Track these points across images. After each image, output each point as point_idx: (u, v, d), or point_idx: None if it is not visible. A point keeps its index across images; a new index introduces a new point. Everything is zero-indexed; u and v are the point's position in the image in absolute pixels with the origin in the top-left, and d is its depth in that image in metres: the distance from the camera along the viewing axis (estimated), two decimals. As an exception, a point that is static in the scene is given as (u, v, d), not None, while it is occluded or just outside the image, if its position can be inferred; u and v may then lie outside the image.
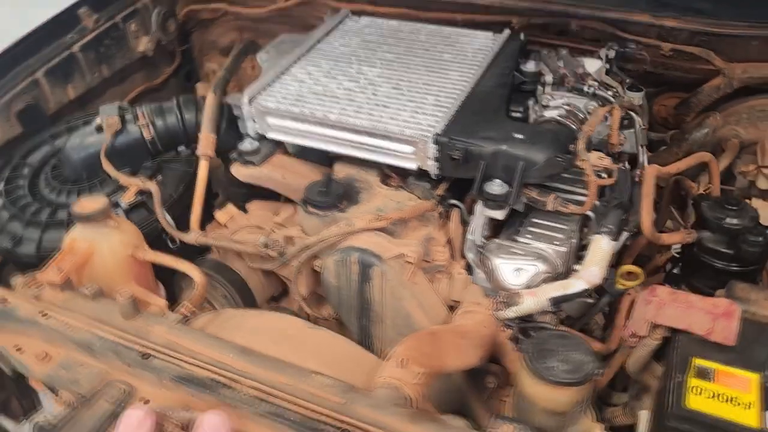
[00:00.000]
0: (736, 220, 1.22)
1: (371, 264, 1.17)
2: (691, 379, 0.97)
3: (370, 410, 0.90)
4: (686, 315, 1.04)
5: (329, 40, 1.60)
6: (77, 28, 1.83)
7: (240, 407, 0.90)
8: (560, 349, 0.94)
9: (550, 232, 1.24)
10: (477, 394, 1.17)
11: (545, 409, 0.92)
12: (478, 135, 1.22)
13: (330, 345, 1.11)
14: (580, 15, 1.55)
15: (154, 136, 1.50)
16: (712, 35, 1.48)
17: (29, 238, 1.40)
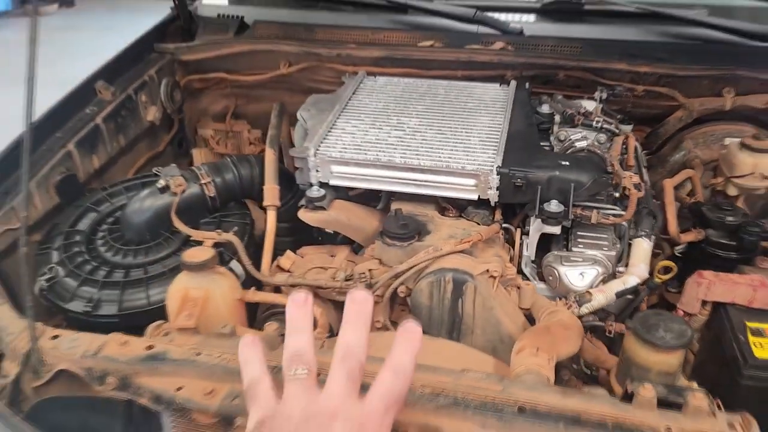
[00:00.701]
0: (734, 217, 1.52)
1: (464, 281, 1.34)
2: (750, 337, 1.22)
3: (527, 391, 1.05)
4: (731, 290, 1.30)
5: (358, 97, 1.78)
6: (95, 100, 1.89)
7: (421, 403, 1.03)
8: (660, 322, 1.15)
9: (597, 241, 1.47)
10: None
11: (660, 372, 1.13)
12: (532, 165, 1.44)
13: (451, 349, 1.26)
14: (568, 66, 1.84)
15: (214, 193, 1.59)
16: (674, 77, 1.83)
17: (108, 300, 1.43)
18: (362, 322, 0.71)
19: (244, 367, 0.75)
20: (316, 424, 0.63)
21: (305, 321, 0.72)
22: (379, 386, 0.67)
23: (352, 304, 0.72)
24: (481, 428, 1.00)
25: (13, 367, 1.15)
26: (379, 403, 0.66)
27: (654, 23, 1.99)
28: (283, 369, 0.70)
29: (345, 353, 0.68)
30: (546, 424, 0.99)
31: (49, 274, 1.48)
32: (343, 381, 0.67)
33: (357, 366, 0.68)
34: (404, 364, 0.69)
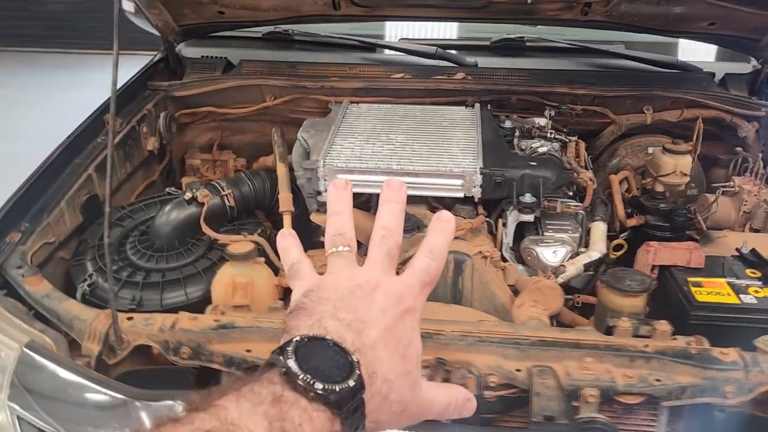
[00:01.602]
0: (665, 204, 1.89)
1: (463, 260, 1.61)
2: (692, 288, 1.55)
3: (534, 331, 1.33)
4: (672, 255, 1.64)
5: (348, 120, 2.06)
6: (104, 130, 2.07)
7: (453, 343, 1.28)
8: (626, 275, 1.47)
9: (563, 226, 1.79)
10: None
11: (630, 313, 1.43)
12: (507, 165, 1.76)
13: (463, 311, 1.52)
14: (519, 91, 2.20)
15: (233, 204, 1.81)
16: (605, 97, 2.21)
17: (149, 298, 1.61)
18: (399, 207, 0.73)
19: (285, 255, 0.75)
20: (360, 293, 0.65)
21: (345, 204, 0.74)
22: (416, 265, 0.69)
23: (389, 191, 0.74)
24: (503, 358, 1.27)
25: (94, 346, 1.31)
26: (415, 279, 0.68)
27: (583, 56, 2.39)
28: (326, 246, 0.72)
29: (383, 235, 0.70)
30: (554, 349, 1.27)
31: (89, 281, 1.64)
32: (383, 258, 0.69)
33: (394, 246, 0.71)
34: (439, 247, 0.71)
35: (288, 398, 0.55)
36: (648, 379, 1.23)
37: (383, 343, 0.63)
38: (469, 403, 0.73)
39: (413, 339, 0.67)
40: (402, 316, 0.65)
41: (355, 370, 0.59)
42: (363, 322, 0.63)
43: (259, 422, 0.53)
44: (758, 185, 2.04)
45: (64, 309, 1.40)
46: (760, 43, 2.15)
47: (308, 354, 0.58)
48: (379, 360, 0.62)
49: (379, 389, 0.61)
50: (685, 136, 2.17)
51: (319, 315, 0.63)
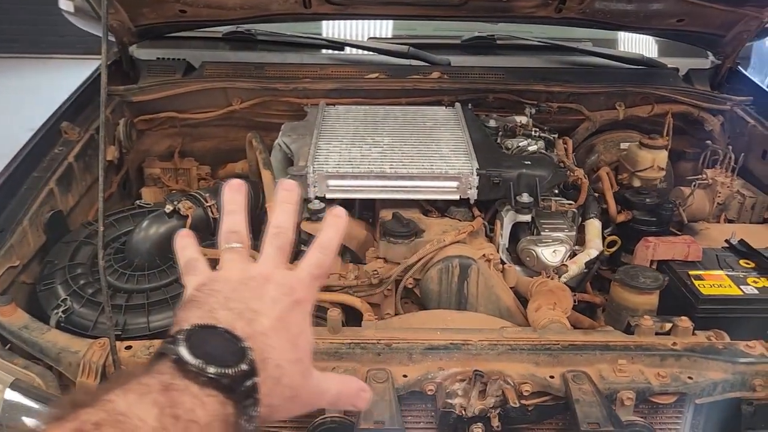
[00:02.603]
0: (651, 199, 1.91)
1: (469, 264, 1.56)
2: (695, 281, 1.57)
3: (558, 335, 1.30)
4: (671, 249, 1.65)
5: (328, 123, 1.97)
6: (61, 140, 1.90)
7: (484, 354, 1.23)
8: (638, 273, 1.46)
9: (558, 225, 1.77)
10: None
11: (645, 311, 1.42)
12: (503, 165, 1.72)
13: (475, 317, 1.47)
14: (497, 90, 2.18)
15: (218, 215, 1.69)
16: (579, 95, 2.23)
17: (134, 322, 1.47)
18: (291, 206, 0.76)
19: (180, 253, 0.78)
20: (252, 285, 0.67)
21: (239, 203, 0.77)
22: (307, 259, 0.72)
23: (283, 191, 0.77)
24: (535, 365, 1.23)
25: (91, 381, 1.18)
26: (306, 272, 0.71)
27: (553, 53, 2.40)
28: (219, 243, 0.75)
29: (276, 232, 0.74)
30: (585, 352, 1.24)
31: (63, 306, 1.48)
32: (275, 254, 0.72)
33: (286, 242, 0.73)
34: (330, 242, 0.74)
35: (178, 386, 0.56)
36: (681, 378, 1.21)
37: (274, 331, 0.65)
38: (363, 393, 0.75)
39: (304, 328, 0.69)
40: (293, 307, 0.68)
41: (247, 355, 0.60)
42: (254, 312, 0.64)
43: (149, 410, 0.53)
44: (730, 177, 2.10)
45: (48, 341, 1.26)
46: (724, 39, 2.22)
47: (200, 341, 0.59)
48: (270, 347, 0.63)
49: (272, 374, 0.63)
50: (654, 131, 2.21)
51: (210, 306, 0.64)
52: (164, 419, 0.53)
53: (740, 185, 2.08)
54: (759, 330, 1.36)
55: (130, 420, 0.52)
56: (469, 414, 1.17)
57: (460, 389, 1.18)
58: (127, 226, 1.75)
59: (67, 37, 6.91)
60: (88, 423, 0.51)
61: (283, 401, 0.65)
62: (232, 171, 2.30)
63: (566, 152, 1.94)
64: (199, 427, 0.55)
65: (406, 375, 1.21)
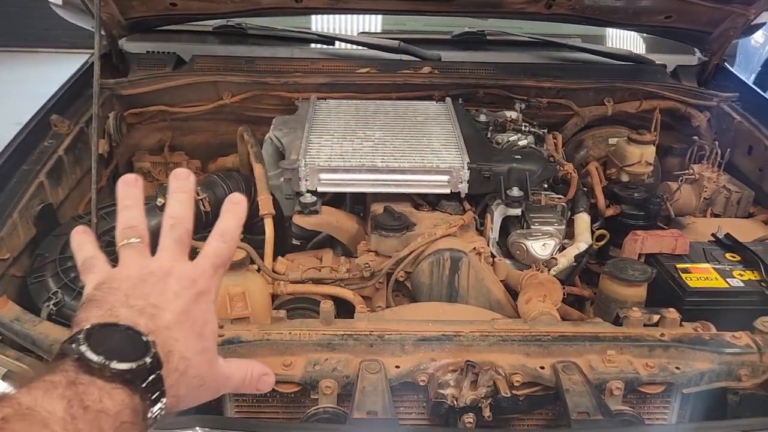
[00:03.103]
0: (639, 193, 1.93)
1: (460, 257, 1.58)
2: (682, 274, 1.59)
3: (549, 326, 1.31)
4: (659, 242, 1.67)
5: (319, 117, 1.97)
6: (50, 133, 1.89)
7: (476, 345, 1.24)
8: (627, 265, 1.48)
9: (548, 219, 1.79)
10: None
11: (633, 303, 1.44)
12: (493, 160, 1.73)
13: (466, 309, 1.48)
14: (488, 85, 2.19)
15: (209, 208, 1.69)
16: (569, 90, 2.24)
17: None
18: (186, 196, 0.75)
19: (78, 251, 0.75)
20: (152, 280, 0.67)
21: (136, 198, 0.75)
22: (208, 249, 0.72)
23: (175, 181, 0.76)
24: (525, 356, 1.24)
25: (83, 373, 1.17)
26: (208, 263, 0.70)
27: (542, 49, 2.42)
28: (117, 240, 0.73)
29: (173, 223, 0.73)
30: (575, 343, 1.25)
31: (54, 299, 1.48)
32: (173, 246, 0.71)
33: (184, 233, 0.73)
34: (230, 230, 0.74)
35: (83, 380, 0.56)
36: (669, 368, 1.23)
37: (178, 324, 0.65)
38: (267, 377, 0.76)
39: (208, 318, 0.69)
40: (196, 299, 0.68)
41: (150, 349, 0.60)
42: (156, 307, 0.64)
43: (57, 403, 0.53)
44: (716, 172, 2.13)
45: (40, 333, 1.26)
46: (711, 35, 2.24)
47: (101, 339, 0.59)
48: (174, 339, 0.64)
49: (177, 366, 0.63)
50: (642, 127, 2.24)
51: (109, 305, 0.63)
52: (73, 410, 0.54)
53: (726, 180, 2.11)
54: (744, 321, 1.38)
55: (38, 413, 0.52)
56: (461, 404, 1.18)
57: (451, 380, 1.19)
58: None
59: (54, 31, 6.84)
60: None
61: (190, 390, 0.65)
62: (223, 165, 2.30)
63: (556, 147, 1.96)
64: (108, 416, 0.56)
65: (399, 366, 1.22)
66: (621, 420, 1.16)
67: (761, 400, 1.27)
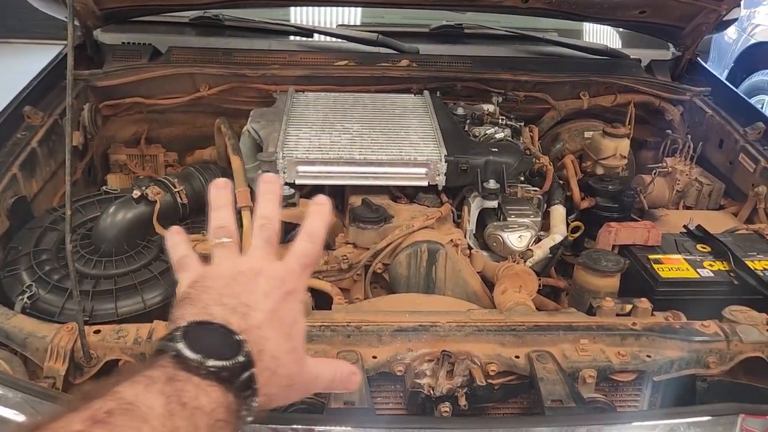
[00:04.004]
0: (613, 186, 1.96)
1: (437, 249, 1.59)
2: (654, 265, 1.62)
3: (524, 317, 1.33)
4: (632, 234, 1.70)
5: (297, 110, 1.97)
6: (23, 125, 1.87)
7: (452, 335, 1.26)
8: (600, 256, 1.50)
9: (524, 211, 1.81)
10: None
11: (607, 293, 1.47)
12: (470, 152, 1.75)
13: (443, 300, 1.50)
14: (465, 78, 2.20)
15: (186, 201, 1.68)
16: (545, 84, 2.27)
17: (102, 309, 1.47)
18: (275, 198, 0.78)
19: (173, 250, 0.79)
20: (243, 279, 0.69)
21: (227, 200, 0.79)
22: (296, 249, 0.74)
23: (264, 184, 0.79)
24: (500, 346, 1.26)
25: (58, 366, 1.17)
26: (296, 263, 0.73)
27: (520, 43, 2.44)
28: (209, 238, 0.76)
29: (263, 223, 0.75)
30: (549, 333, 1.28)
31: (28, 292, 1.47)
32: (263, 245, 0.74)
33: (273, 233, 0.75)
34: (317, 231, 0.76)
35: (181, 377, 0.58)
36: (640, 356, 1.26)
37: (269, 323, 0.66)
38: (354, 376, 0.78)
39: (297, 318, 0.71)
40: (285, 298, 0.70)
41: (243, 347, 0.62)
42: (247, 306, 0.66)
43: (156, 398, 0.56)
44: (689, 165, 2.16)
45: (14, 326, 1.25)
46: (684, 30, 2.28)
47: (197, 337, 0.61)
48: (265, 339, 0.65)
49: (268, 365, 0.65)
50: (616, 120, 2.27)
51: (203, 303, 0.66)
52: (171, 406, 0.56)
53: (698, 173, 2.15)
54: (714, 311, 1.41)
55: (138, 408, 0.54)
56: (437, 393, 1.20)
57: (428, 369, 1.21)
58: (93, 211, 1.73)
59: (27, 22, 6.71)
60: (100, 411, 0.54)
61: (280, 389, 0.67)
62: (200, 158, 2.28)
63: (532, 140, 1.98)
64: (203, 413, 0.58)
65: (376, 356, 1.23)
66: (593, 407, 1.18)
67: (728, 386, 1.30)
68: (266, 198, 0.78)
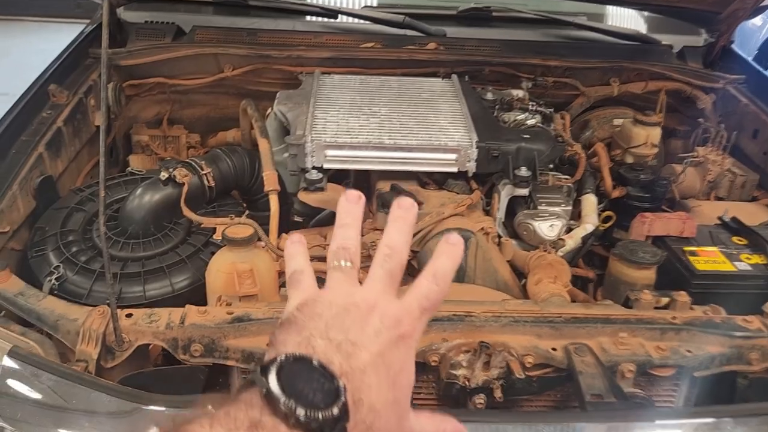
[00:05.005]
0: (646, 176, 1.92)
1: (468, 237, 1.56)
2: (689, 257, 1.59)
3: (560, 308, 1.31)
4: (667, 225, 1.66)
5: (323, 92, 1.93)
6: (49, 104, 1.85)
7: (488, 326, 1.23)
8: (637, 248, 1.47)
9: (555, 200, 1.77)
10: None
11: (643, 285, 1.44)
12: (502, 139, 1.71)
13: (475, 290, 1.47)
14: (493, 62, 2.16)
15: (213, 183, 1.66)
16: (575, 69, 2.22)
17: (130, 291, 1.45)
18: (407, 226, 0.70)
19: (289, 261, 0.73)
20: (355, 313, 0.62)
21: (356, 217, 0.71)
22: (417, 289, 0.66)
23: (399, 209, 0.71)
24: (537, 338, 1.23)
25: (91, 349, 1.16)
26: (415, 304, 0.65)
27: (549, 27, 2.38)
28: (328, 259, 0.69)
29: (388, 253, 0.67)
30: (588, 325, 1.25)
31: (56, 274, 1.46)
32: (384, 278, 0.66)
33: (398, 266, 0.67)
34: (444, 272, 0.67)
35: (266, 424, 0.53)
36: (680, 351, 1.23)
37: (373, 367, 0.59)
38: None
39: (406, 366, 0.63)
40: (396, 341, 0.62)
41: (340, 396, 0.56)
42: (354, 344, 0.59)
43: None
44: (721, 155, 2.12)
45: (45, 308, 1.23)
46: (720, 16, 2.22)
47: (292, 375, 0.56)
48: (367, 386, 0.58)
49: (364, 418, 0.58)
50: (646, 108, 2.22)
51: (309, 332, 0.60)
52: None
53: (731, 163, 2.10)
54: (751, 305, 1.38)
55: None
56: (473, 385, 1.18)
57: (464, 360, 1.18)
58: (119, 193, 1.71)
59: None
60: None
61: None
62: (223, 139, 2.26)
63: (564, 127, 1.94)
64: None
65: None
66: (634, 402, 1.15)
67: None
68: (397, 226, 0.69)
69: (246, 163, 1.75)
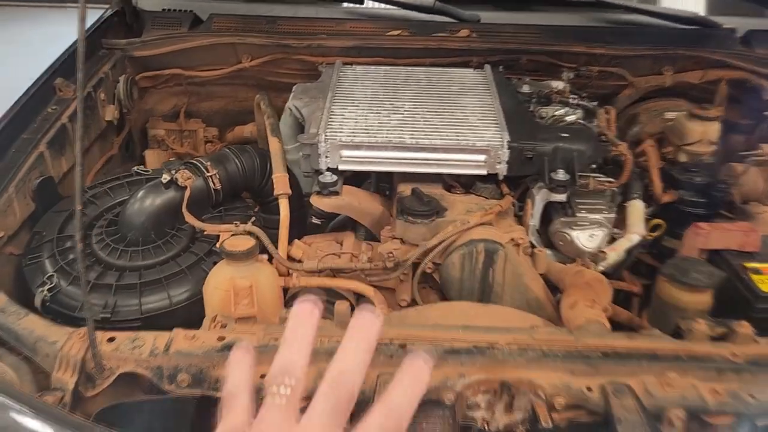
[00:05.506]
0: (701, 178, 1.71)
1: (496, 250, 1.40)
2: (752, 275, 1.39)
3: (598, 338, 1.13)
4: (726, 237, 1.46)
5: (344, 85, 1.79)
6: (54, 99, 1.75)
7: (511, 360, 1.07)
8: (690, 267, 1.28)
9: (596, 206, 1.59)
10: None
11: (695, 311, 1.25)
12: (537, 138, 1.54)
13: (502, 312, 1.31)
14: (532, 51, 1.97)
15: (219, 186, 1.53)
16: (623, 57, 2.01)
17: (125, 304, 1.34)
18: (365, 346, 0.60)
19: (230, 372, 0.64)
20: None
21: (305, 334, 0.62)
22: (367, 425, 0.56)
23: (357, 324, 0.62)
24: (570, 374, 1.07)
25: (68, 378, 1.05)
26: None
27: (594, 10, 2.17)
28: (266, 381, 0.60)
29: (336, 380, 0.58)
30: (630, 362, 1.07)
31: (49, 284, 1.36)
32: (327, 413, 0.57)
33: (346, 397, 0.58)
34: (401, 406, 0.58)
35: None
36: (741, 395, 1.05)
37: None
38: None
39: None
40: None
41: None
42: None
43: None
44: (789, 153, 1.89)
45: (25, 328, 1.13)
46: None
47: None
48: None
49: None
50: (703, 99, 2.00)
51: None
52: None
53: (801, 163, 1.87)
54: (826, 336, 1.18)
55: None
56: (492, 429, 1.02)
57: (483, 401, 1.03)
58: (122, 194, 1.61)
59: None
60: None
61: None
62: (241, 134, 2.14)
63: (608, 123, 1.74)
64: None
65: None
66: (681, 458, 0.98)
67: None
68: (354, 343, 0.60)
69: (256, 163, 1.62)
